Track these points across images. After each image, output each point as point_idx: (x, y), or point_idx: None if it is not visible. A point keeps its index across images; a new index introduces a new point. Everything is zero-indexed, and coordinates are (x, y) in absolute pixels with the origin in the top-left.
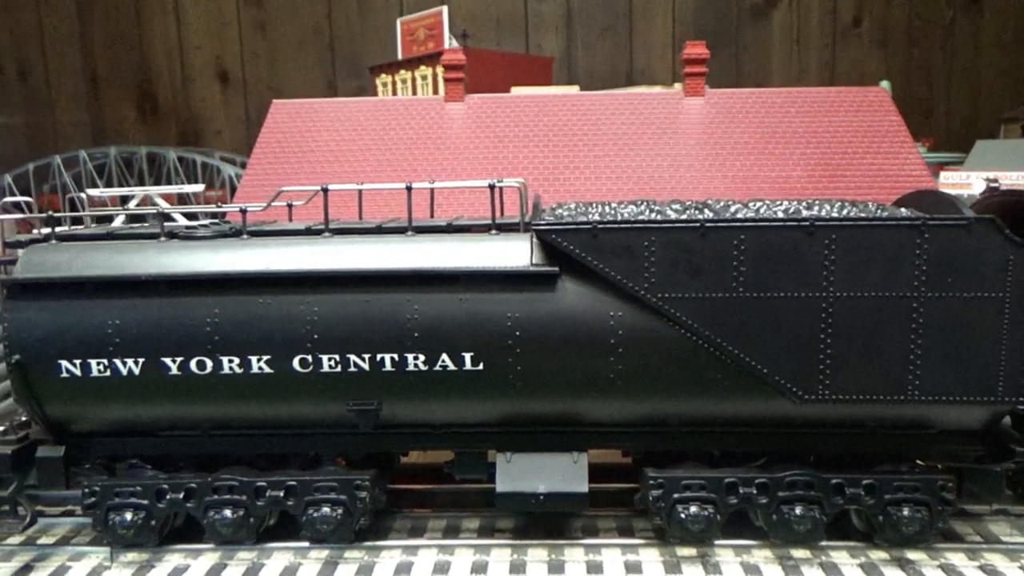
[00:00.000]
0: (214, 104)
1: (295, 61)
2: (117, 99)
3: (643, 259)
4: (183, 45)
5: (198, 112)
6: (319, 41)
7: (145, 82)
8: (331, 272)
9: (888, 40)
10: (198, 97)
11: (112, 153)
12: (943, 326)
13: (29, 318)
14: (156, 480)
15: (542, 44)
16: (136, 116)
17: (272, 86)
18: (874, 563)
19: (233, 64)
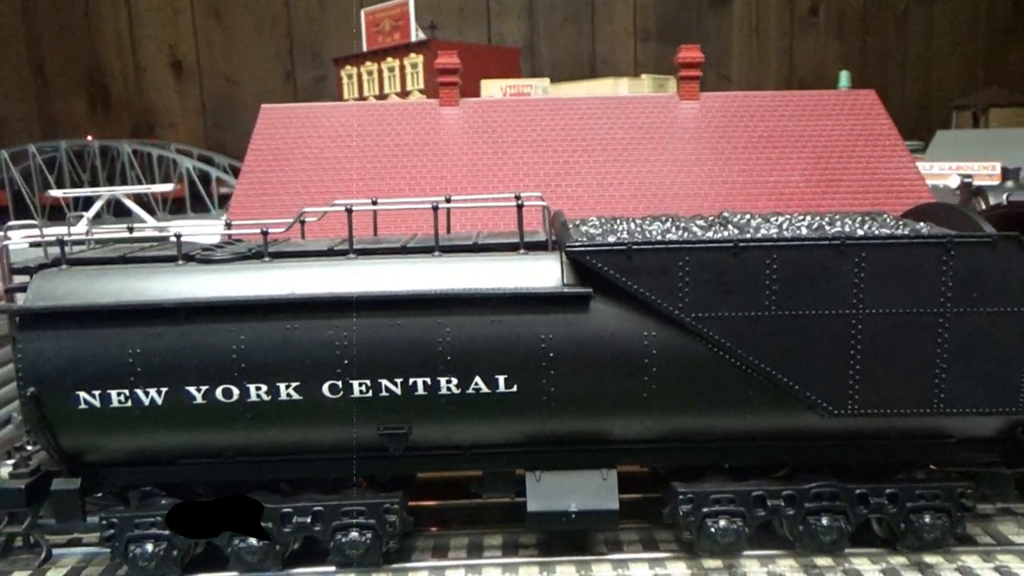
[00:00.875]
0: (168, 95)
1: (252, 50)
2: (66, 91)
3: (677, 279)
4: (134, 34)
5: (151, 103)
6: (277, 30)
7: (95, 73)
8: (362, 296)
9: (844, 29)
10: (151, 88)
11: (62, 147)
12: (968, 340)
13: (44, 348)
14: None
15: (504, 33)
16: (87, 108)
17: (229, 76)
18: (895, 568)
19: (187, 53)
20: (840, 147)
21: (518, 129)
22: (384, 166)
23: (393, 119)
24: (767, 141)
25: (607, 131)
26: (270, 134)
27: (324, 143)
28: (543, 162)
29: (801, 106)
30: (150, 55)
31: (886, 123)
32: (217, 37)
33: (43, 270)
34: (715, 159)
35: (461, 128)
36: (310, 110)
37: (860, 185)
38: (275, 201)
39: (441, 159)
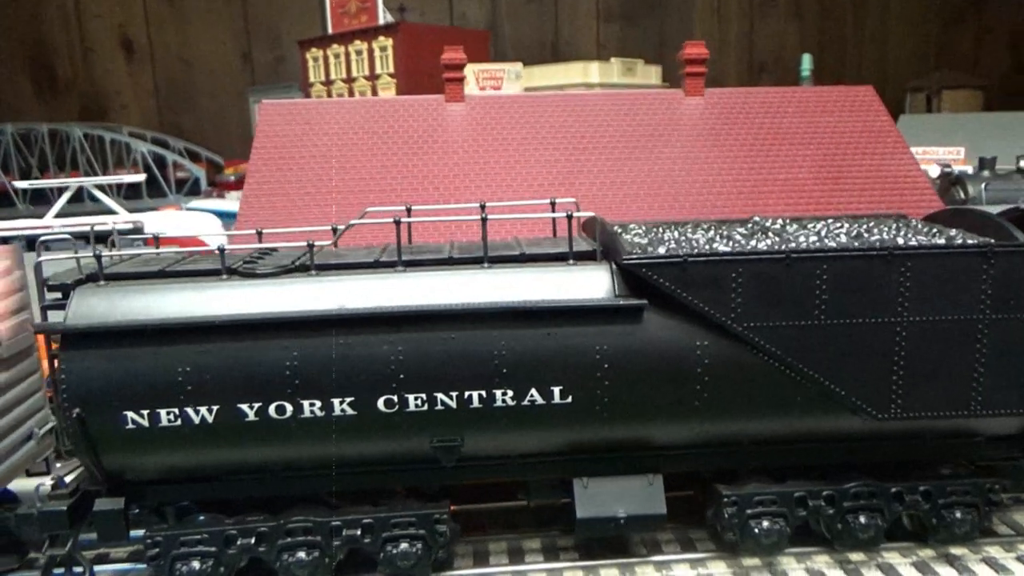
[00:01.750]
0: (119, 76)
1: (206, 30)
2: (10, 73)
3: (730, 290)
4: (81, 13)
5: (101, 85)
6: (231, 9)
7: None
8: (417, 310)
9: (803, 12)
10: (101, 69)
11: (8, 131)
12: (1004, 345)
13: (89, 368)
14: (224, 526)
15: (467, 13)
16: (32, 90)
17: (182, 57)
18: (925, 561)
19: (138, 33)
20: (844, 144)
21: (524, 125)
22: (393, 164)
23: (398, 115)
24: (774, 138)
25: (615, 127)
26: (273, 131)
27: (330, 140)
28: (552, 160)
29: (803, 102)
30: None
31: (886, 120)
32: (169, 16)
33: (81, 286)
34: (724, 157)
35: (467, 125)
36: (313, 106)
37: (867, 183)
38: (284, 203)
39: (450, 156)
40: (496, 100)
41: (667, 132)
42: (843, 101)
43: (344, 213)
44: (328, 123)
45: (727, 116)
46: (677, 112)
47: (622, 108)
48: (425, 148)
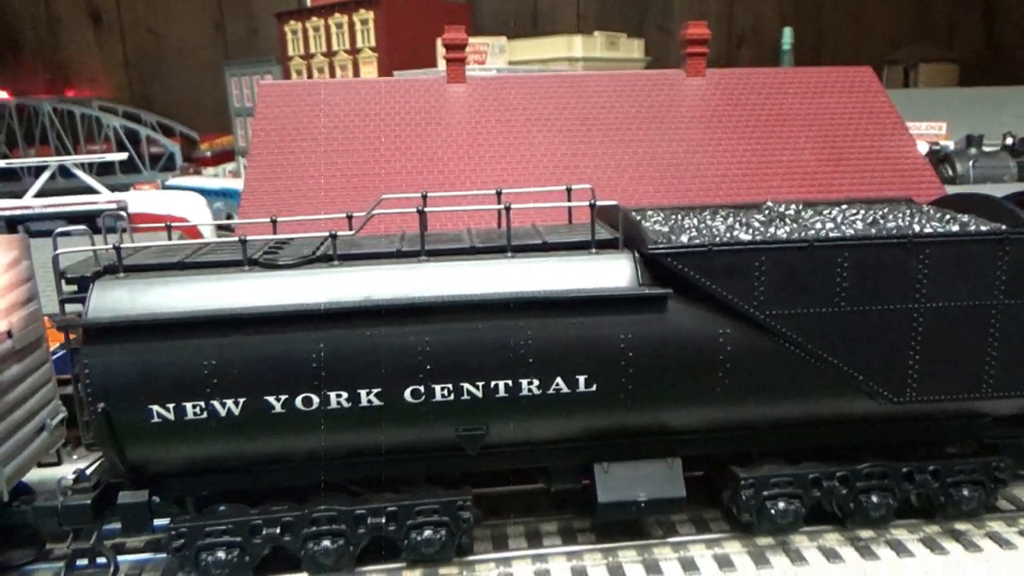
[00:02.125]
0: (86, 48)
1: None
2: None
3: (753, 278)
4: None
5: (68, 57)
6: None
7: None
8: (444, 301)
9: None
10: (67, 40)
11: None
12: (1016, 329)
13: (113, 363)
14: (249, 516)
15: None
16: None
17: (152, 28)
18: (932, 537)
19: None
20: (844, 126)
21: (527, 107)
22: (396, 146)
23: (399, 96)
24: (776, 119)
25: (617, 109)
26: (272, 113)
27: (331, 122)
28: (556, 142)
29: (804, 84)
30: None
31: (884, 101)
32: None
33: (100, 279)
34: (727, 139)
35: (470, 106)
36: (312, 87)
37: (867, 164)
38: (288, 186)
39: (454, 139)
40: (498, 81)
41: (670, 113)
42: (843, 82)
43: (348, 196)
44: (328, 104)
45: (729, 97)
46: (679, 93)
47: (624, 88)
48: (428, 130)
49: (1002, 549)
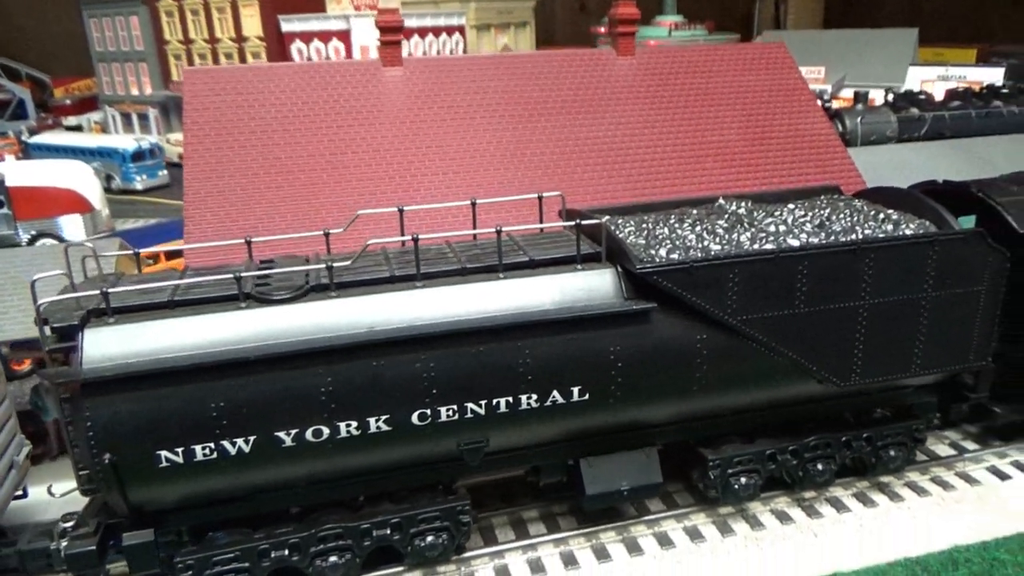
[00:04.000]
0: None
1: None
2: None
3: (727, 288)
4: None
5: None
6: None
7: None
8: (447, 328)
9: None
10: None
11: None
12: (940, 315)
13: (117, 413)
14: (256, 541)
15: None
16: None
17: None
18: (863, 491)
19: None
20: (763, 103)
21: (467, 91)
22: (339, 136)
23: (334, 81)
24: (703, 99)
25: (555, 90)
26: (202, 104)
27: (266, 112)
28: (499, 128)
29: (725, 61)
30: None
31: (797, 76)
32: None
33: (89, 326)
34: (661, 120)
35: (408, 91)
36: (241, 73)
37: (787, 141)
38: (232, 185)
39: (397, 127)
40: (434, 63)
41: (606, 95)
42: (759, 58)
43: (296, 193)
44: (261, 91)
45: (658, 76)
46: (612, 73)
47: (560, 68)
48: (370, 118)
49: (920, 497)
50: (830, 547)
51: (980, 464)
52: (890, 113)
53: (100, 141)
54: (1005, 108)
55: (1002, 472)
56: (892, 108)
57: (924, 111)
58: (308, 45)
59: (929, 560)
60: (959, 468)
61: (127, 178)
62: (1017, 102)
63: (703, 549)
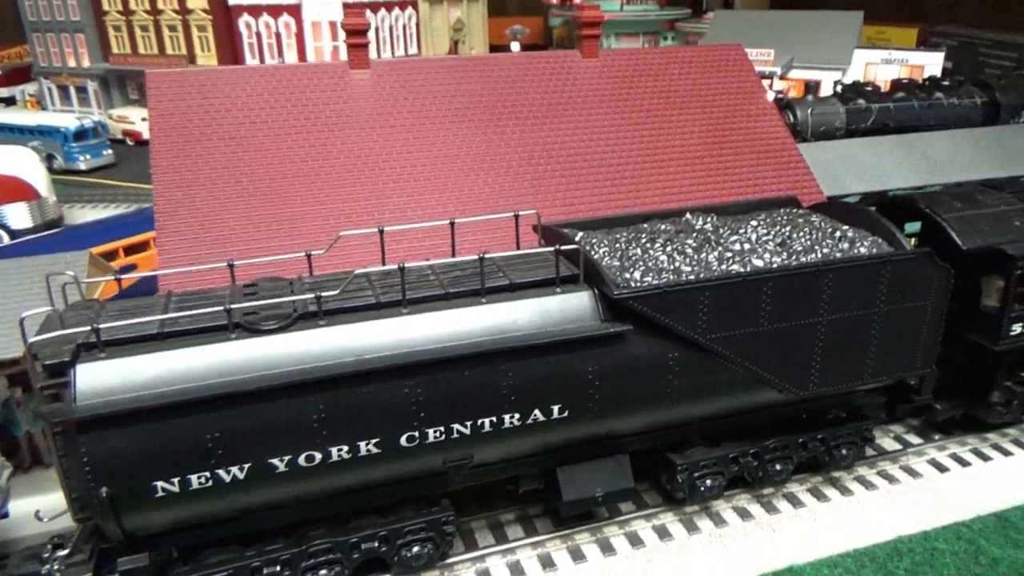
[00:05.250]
0: None
1: None
2: None
3: (697, 309)
4: None
5: None
6: None
7: None
8: (434, 356)
9: None
10: None
11: None
12: (889, 328)
13: (112, 449)
14: (249, 559)
15: None
16: None
17: None
18: (816, 486)
19: None
20: (722, 107)
21: (434, 93)
22: (308, 141)
23: (300, 83)
24: (664, 102)
25: (521, 92)
26: (168, 108)
27: (233, 116)
28: (468, 132)
29: (684, 62)
30: None
31: (753, 78)
32: None
33: (80, 362)
34: (625, 123)
35: (376, 94)
36: (206, 75)
37: (745, 145)
38: (203, 194)
39: (367, 132)
40: (401, 65)
41: (572, 98)
42: (717, 60)
43: (268, 201)
44: (227, 95)
45: (621, 79)
46: (578, 75)
47: (526, 71)
48: (339, 122)
49: (867, 491)
50: (787, 541)
51: (922, 457)
52: (839, 104)
53: (40, 119)
54: (946, 100)
55: (941, 465)
56: (840, 99)
57: (871, 102)
58: (257, 20)
59: (876, 551)
60: (903, 462)
61: (70, 158)
62: (957, 94)
63: (671, 547)
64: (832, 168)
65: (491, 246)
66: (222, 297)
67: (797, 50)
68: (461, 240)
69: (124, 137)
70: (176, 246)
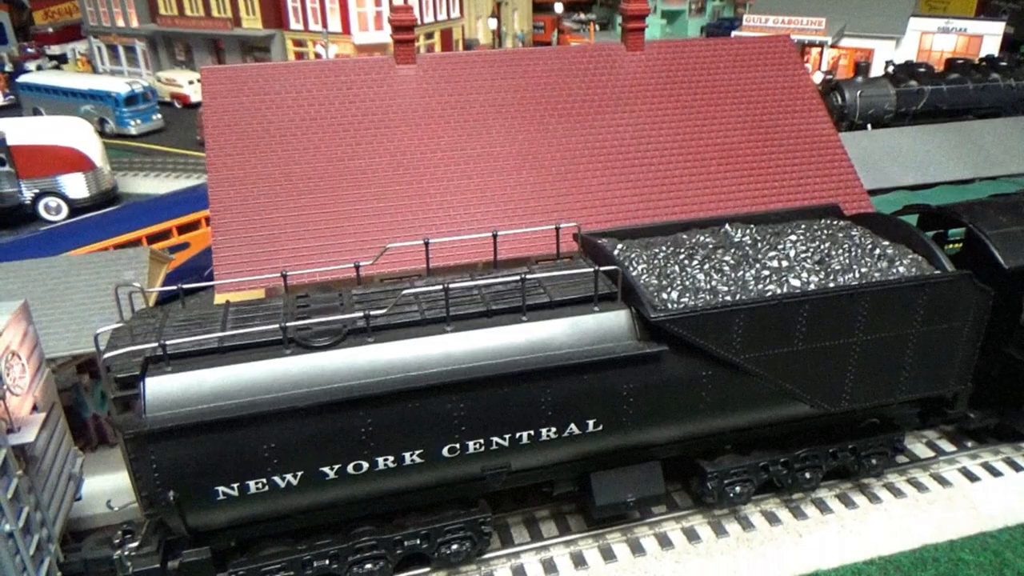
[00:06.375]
0: None
1: None
2: None
3: (733, 331)
4: None
5: None
6: None
7: None
8: (476, 375)
9: None
10: None
11: None
12: (924, 347)
13: (179, 457)
14: (300, 552)
15: None
16: None
17: None
18: (845, 492)
19: None
20: (768, 102)
21: (479, 89)
22: (355, 139)
23: (348, 79)
24: (709, 96)
25: (565, 87)
26: (222, 106)
27: (283, 113)
28: (513, 128)
29: (731, 55)
30: None
31: (801, 71)
32: None
33: (148, 375)
34: (668, 119)
35: (422, 90)
36: (257, 71)
37: (790, 144)
38: (255, 192)
39: (412, 130)
40: (446, 60)
41: (615, 93)
42: (765, 52)
43: (316, 201)
44: (278, 92)
45: (666, 72)
46: (622, 69)
47: (571, 64)
48: (385, 120)
49: (896, 498)
50: (814, 547)
51: (953, 466)
52: (889, 86)
53: (92, 83)
54: (1003, 82)
55: (972, 474)
56: (891, 80)
57: (923, 84)
58: None
59: (901, 559)
60: (934, 470)
61: (121, 123)
62: (1015, 75)
63: (699, 549)
64: (878, 159)
65: (532, 247)
66: (276, 310)
67: (849, 17)
68: (503, 241)
69: (172, 100)
70: (231, 244)
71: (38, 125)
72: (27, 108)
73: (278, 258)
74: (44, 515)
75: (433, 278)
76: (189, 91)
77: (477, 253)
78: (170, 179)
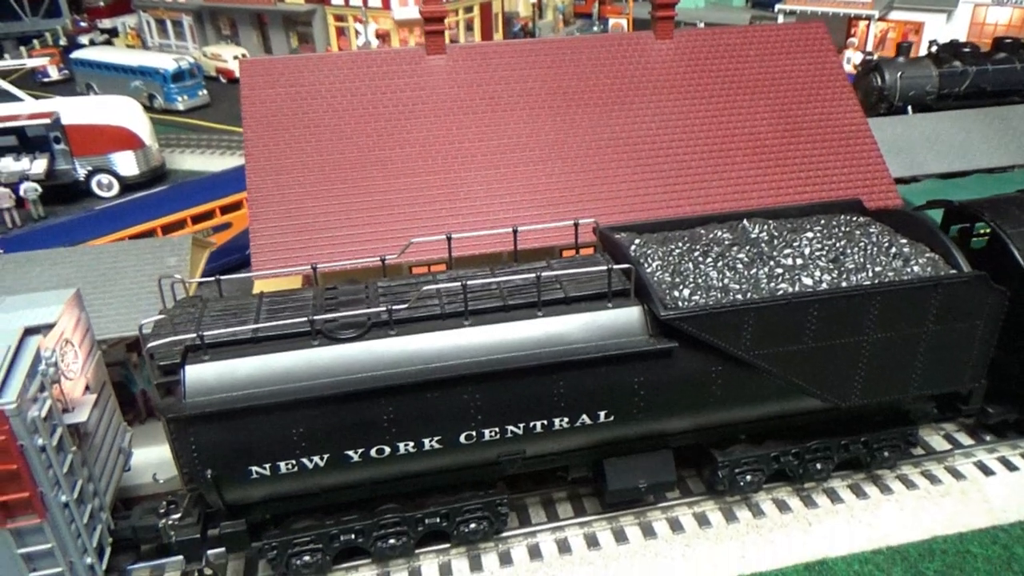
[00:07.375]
0: None
1: None
2: None
3: (743, 328)
4: None
5: None
6: None
7: None
8: (493, 368)
9: None
10: None
11: None
12: (938, 346)
13: (216, 440)
14: (328, 527)
15: None
16: None
17: None
18: (857, 483)
19: None
20: (797, 90)
21: (508, 79)
22: (386, 129)
23: (380, 70)
24: (736, 85)
25: (592, 76)
26: (259, 97)
27: (317, 104)
28: (539, 119)
29: (761, 42)
30: None
31: (834, 60)
32: None
33: (188, 363)
34: (694, 110)
35: (452, 81)
36: (292, 63)
37: (818, 133)
38: (290, 182)
39: (442, 120)
40: (475, 50)
41: (643, 82)
42: (796, 39)
43: (348, 191)
44: (312, 83)
45: (695, 61)
46: (651, 58)
47: (599, 53)
48: (415, 111)
49: (908, 489)
50: (823, 535)
51: (969, 459)
52: (931, 67)
53: (141, 60)
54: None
55: (988, 468)
56: (934, 60)
57: (967, 64)
58: None
59: (909, 550)
60: (948, 462)
61: (169, 99)
62: None
63: (709, 534)
64: (911, 145)
65: (553, 238)
66: (306, 302)
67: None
68: (524, 233)
69: (217, 75)
70: (268, 233)
71: (91, 105)
72: (80, 83)
73: (312, 246)
74: (96, 486)
75: (454, 271)
76: (234, 66)
77: (499, 244)
78: (215, 156)
